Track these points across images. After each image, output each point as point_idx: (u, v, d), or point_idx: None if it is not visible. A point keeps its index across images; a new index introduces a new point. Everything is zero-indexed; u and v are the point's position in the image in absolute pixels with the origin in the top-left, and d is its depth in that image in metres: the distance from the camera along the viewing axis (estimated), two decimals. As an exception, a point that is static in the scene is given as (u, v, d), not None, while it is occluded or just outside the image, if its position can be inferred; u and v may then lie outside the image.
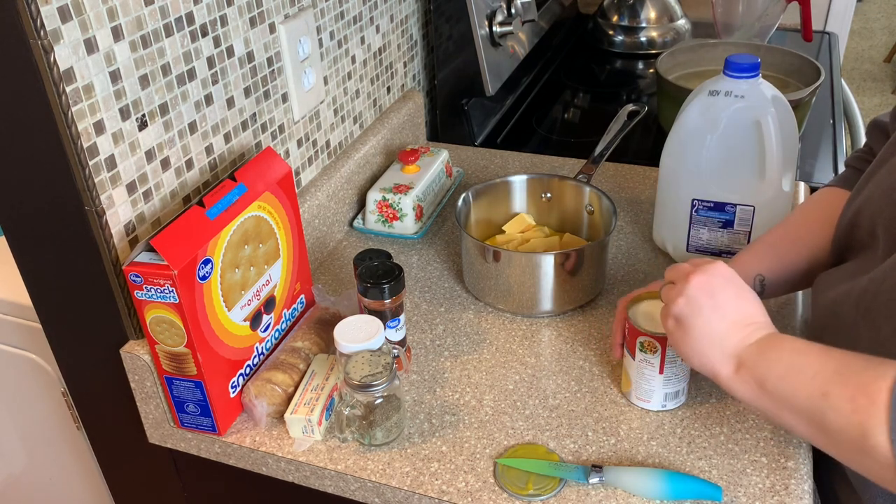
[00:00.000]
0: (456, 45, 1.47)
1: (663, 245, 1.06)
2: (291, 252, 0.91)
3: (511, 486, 0.75)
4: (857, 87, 4.12)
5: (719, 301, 0.68)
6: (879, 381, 0.55)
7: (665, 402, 0.83)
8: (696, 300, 0.69)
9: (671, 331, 0.72)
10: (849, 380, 0.57)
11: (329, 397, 0.83)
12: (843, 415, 0.57)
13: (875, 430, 0.54)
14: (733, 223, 0.98)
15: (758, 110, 0.92)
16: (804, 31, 1.71)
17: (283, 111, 1.02)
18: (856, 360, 0.59)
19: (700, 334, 0.69)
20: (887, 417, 0.53)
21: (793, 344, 0.64)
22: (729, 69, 0.92)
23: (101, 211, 0.75)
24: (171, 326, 0.75)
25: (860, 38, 4.71)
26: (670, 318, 0.71)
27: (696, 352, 0.69)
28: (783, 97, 0.94)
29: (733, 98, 0.92)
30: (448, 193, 1.26)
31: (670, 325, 0.71)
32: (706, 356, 0.68)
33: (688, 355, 0.70)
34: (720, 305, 0.68)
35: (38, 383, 1.18)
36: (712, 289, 0.69)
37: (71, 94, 0.69)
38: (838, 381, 0.58)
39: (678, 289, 0.71)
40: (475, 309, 1.01)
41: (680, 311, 0.70)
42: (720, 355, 0.67)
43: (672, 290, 0.72)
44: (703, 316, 0.68)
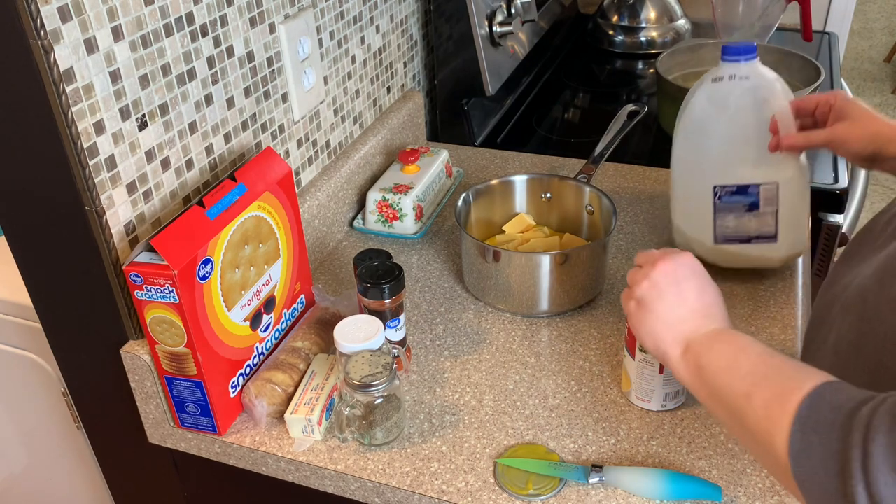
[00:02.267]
0: (456, 45, 1.47)
1: (687, 244, 1.02)
2: (291, 252, 0.91)
3: (511, 486, 0.75)
4: (857, 87, 4.12)
5: (682, 289, 0.70)
6: (795, 392, 0.55)
7: (665, 402, 0.83)
8: (660, 286, 0.71)
9: (631, 312, 0.73)
10: (772, 385, 0.58)
11: (329, 397, 0.83)
12: (757, 418, 0.58)
13: (778, 437, 0.55)
14: (758, 204, 0.95)
15: (764, 88, 0.92)
16: (804, 31, 1.71)
17: (283, 111, 1.02)
18: (789, 368, 0.59)
19: (658, 318, 0.70)
20: (789, 427, 0.54)
21: (742, 341, 0.65)
22: (728, 54, 0.92)
23: (101, 211, 0.75)
24: (171, 326, 0.75)
25: (860, 38, 4.71)
26: (632, 301, 0.73)
27: (652, 333, 0.71)
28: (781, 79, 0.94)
29: (738, 80, 0.92)
30: (448, 193, 1.26)
31: (631, 306, 0.73)
32: (660, 338, 0.70)
33: (643, 337, 0.72)
34: (683, 293, 0.70)
35: (38, 383, 1.18)
36: (678, 277, 0.71)
37: (71, 94, 0.69)
38: (763, 384, 0.59)
39: (644, 272, 0.72)
40: (475, 309, 1.01)
41: (643, 293, 0.71)
42: (672, 338, 0.69)
43: (638, 273, 0.73)
44: (664, 301, 0.70)
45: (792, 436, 0.53)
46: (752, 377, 0.60)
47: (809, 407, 0.54)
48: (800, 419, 0.53)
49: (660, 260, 0.72)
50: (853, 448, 0.49)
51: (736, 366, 0.63)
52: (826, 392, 0.54)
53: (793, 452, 0.53)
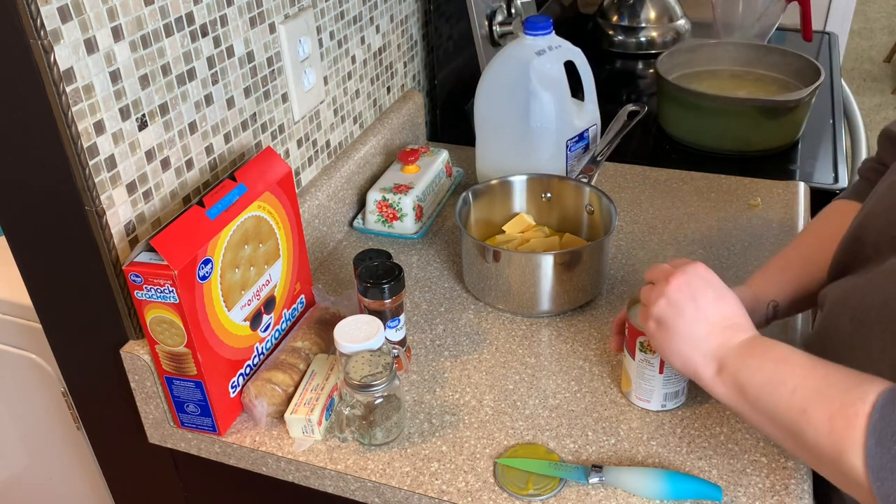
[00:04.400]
0: (456, 45, 1.47)
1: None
2: (291, 252, 0.91)
3: (511, 486, 0.75)
4: (857, 87, 4.12)
5: (700, 303, 0.69)
6: (858, 404, 0.54)
7: (665, 402, 0.83)
8: (677, 302, 0.69)
9: (652, 332, 0.72)
10: (829, 399, 0.57)
11: (329, 397, 0.83)
12: (821, 434, 0.57)
13: (850, 453, 0.54)
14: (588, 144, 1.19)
15: (570, 51, 1.13)
16: (804, 31, 1.71)
17: (283, 111, 1.02)
18: (839, 378, 0.58)
19: (682, 336, 0.69)
20: (863, 442, 0.53)
21: (776, 352, 0.64)
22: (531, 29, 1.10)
23: (101, 211, 0.75)
24: (171, 326, 0.75)
25: (860, 38, 4.71)
26: (651, 320, 0.72)
27: (678, 353, 0.70)
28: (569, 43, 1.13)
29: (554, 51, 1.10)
30: (448, 193, 1.26)
31: (651, 326, 0.72)
32: (688, 357, 0.69)
33: (670, 357, 0.71)
34: (701, 307, 0.69)
35: (38, 383, 1.18)
36: (693, 291, 0.69)
37: (71, 94, 0.69)
38: (818, 399, 0.58)
39: (658, 290, 0.71)
40: (475, 309, 1.01)
41: (661, 312, 0.70)
42: (702, 357, 0.68)
43: (652, 292, 0.72)
44: (684, 318, 0.69)
45: (868, 450, 0.52)
46: (802, 391, 0.59)
47: (882, 419, 0.53)
48: (874, 432, 0.52)
49: (671, 275, 0.70)
50: None
51: (780, 381, 0.61)
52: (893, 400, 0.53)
53: (873, 468, 0.52)
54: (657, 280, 0.72)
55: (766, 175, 1.26)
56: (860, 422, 0.54)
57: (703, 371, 0.68)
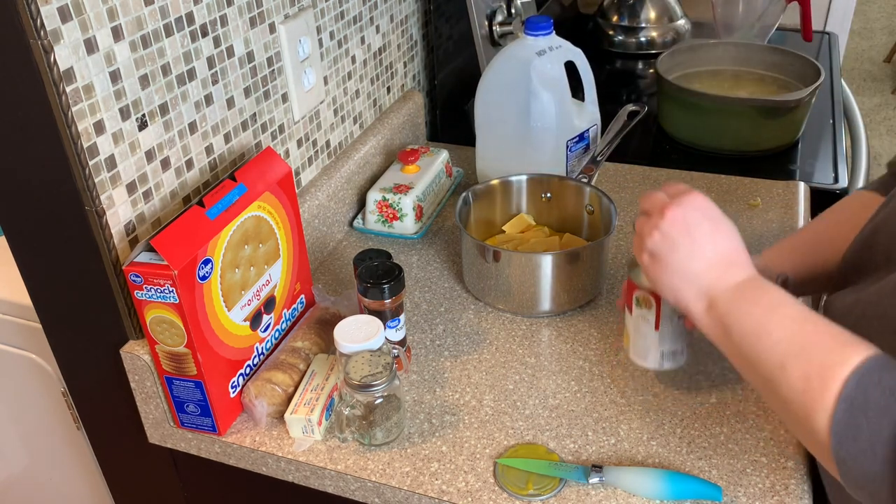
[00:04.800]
0: (456, 45, 1.47)
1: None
2: (291, 252, 0.91)
3: (511, 486, 0.75)
4: (857, 87, 4.12)
5: (696, 238, 0.66)
6: (837, 368, 0.54)
7: (662, 360, 0.80)
8: (672, 236, 0.67)
9: (646, 265, 0.70)
10: (809, 358, 0.56)
11: (329, 397, 0.83)
12: (795, 391, 0.56)
13: (819, 415, 0.54)
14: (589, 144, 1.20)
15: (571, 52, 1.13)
16: (804, 31, 1.71)
17: (283, 111, 1.02)
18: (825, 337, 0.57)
19: (675, 271, 0.67)
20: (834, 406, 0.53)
21: (768, 298, 0.62)
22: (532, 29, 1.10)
23: (101, 211, 0.75)
24: (171, 326, 0.75)
25: (860, 38, 4.71)
26: (645, 253, 0.70)
27: (671, 287, 0.68)
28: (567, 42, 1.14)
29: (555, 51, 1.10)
30: (448, 193, 1.26)
31: (645, 259, 0.70)
32: (681, 292, 0.67)
33: (662, 290, 0.70)
34: (697, 242, 0.66)
35: (38, 383, 1.18)
36: (688, 225, 0.67)
37: (71, 94, 0.69)
38: (799, 356, 0.57)
39: (653, 222, 0.69)
40: (475, 309, 1.01)
41: (655, 246, 0.68)
42: (694, 293, 0.66)
43: (647, 224, 0.69)
44: (678, 253, 0.67)
45: (836, 414, 0.52)
46: (786, 345, 0.58)
47: (857, 386, 0.52)
48: (847, 398, 0.52)
49: (667, 207, 0.68)
50: None
51: (766, 331, 0.60)
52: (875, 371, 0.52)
53: (836, 431, 0.52)
54: (652, 211, 0.70)
55: (766, 175, 1.26)
56: (835, 386, 0.53)
57: (694, 307, 0.67)
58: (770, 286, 0.64)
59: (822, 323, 0.59)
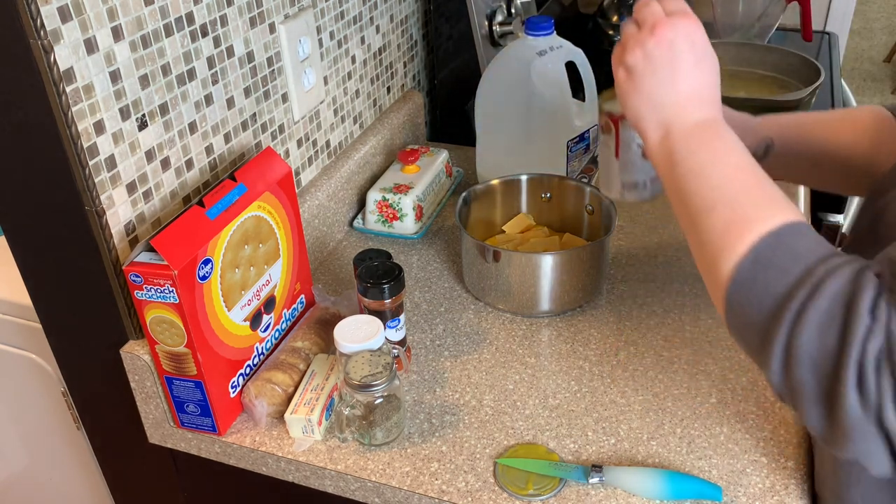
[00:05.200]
0: (456, 45, 1.47)
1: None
2: (291, 252, 0.91)
3: (511, 486, 0.75)
4: (857, 87, 4.12)
5: (676, 68, 0.65)
6: (759, 223, 0.55)
7: (624, 191, 0.79)
8: (654, 60, 0.65)
9: (621, 80, 0.68)
10: (737, 208, 0.58)
11: (329, 397, 0.83)
12: (714, 235, 0.58)
13: (727, 259, 0.56)
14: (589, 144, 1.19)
15: (571, 52, 1.12)
16: (804, 31, 1.71)
17: (283, 111, 1.02)
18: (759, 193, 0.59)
19: (645, 95, 0.66)
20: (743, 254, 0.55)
21: (718, 144, 0.63)
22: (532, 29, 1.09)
23: (101, 211, 0.75)
24: (171, 326, 0.75)
25: (860, 38, 4.71)
26: (622, 67, 0.68)
27: (635, 108, 0.67)
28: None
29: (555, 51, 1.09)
30: (448, 193, 1.26)
31: (621, 74, 0.68)
32: (643, 116, 0.67)
33: (628, 109, 0.69)
34: (676, 73, 0.65)
35: (38, 383, 1.18)
36: (674, 53, 0.65)
37: (71, 94, 0.69)
38: (729, 204, 0.58)
39: (640, 37, 0.66)
40: (475, 309, 1.01)
41: (634, 63, 0.66)
42: (656, 121, 0.66)
43: (634, 36, 0.67)
44: (654, 78, 0.66)
45: (741, 263, 0.54)
46: (719, 192, 0.59)
47: (768, 245, 0.54)
48: (755, 251, 0.54)
49: (660, 26, 0.65)
50: (795, 300, 0.50)
51: (706, 174, 0.61)
52: (788, 234, 0.55)
53: (736, 278, 0.55)
54: (643, 24, 0.67)
55: (766, 175, 1.25)
56: (749, 239, 0.55)
57: (651, 134, 0.66)
58: (726, 132, 0.64)
59: (759, 178, 0.60)
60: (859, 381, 0.47)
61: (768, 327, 0.52)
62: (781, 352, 0.51)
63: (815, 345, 0.49)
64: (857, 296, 0.49)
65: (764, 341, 0.52)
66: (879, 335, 0.47)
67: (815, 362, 0.49)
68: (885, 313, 0.47)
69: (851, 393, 0.48)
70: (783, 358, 0.51)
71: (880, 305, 0.48)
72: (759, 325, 0.53)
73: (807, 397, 0.51)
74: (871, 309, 0.48)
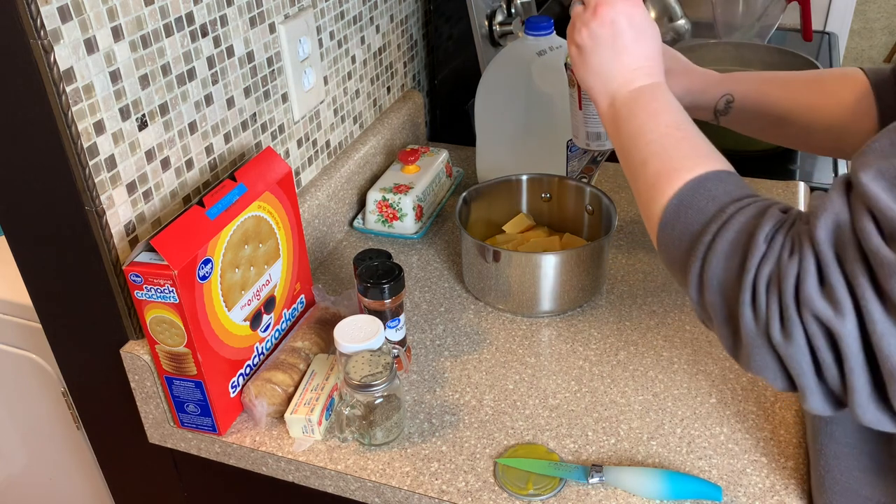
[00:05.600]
0: (456, 45, 1.47)
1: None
2: (291, 252, 0.91)
3: (511, 486, 0.75)
4: (857, 87, 4.11)
5: (618, 43, 0.73)
6: (685, 172, 0.61)
7: (588, 141, 0.87)
8: (598, 38, 0.74)
9: (573, 56, 0.77)
10: (667, 159, 0.64)
11: (329, 397, 0.83)
12: (647, 184, 0.64)
13: (657, 206, 0.62)
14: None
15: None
16: (804, 31, 1.71)
17: (283, 111, 1.02)
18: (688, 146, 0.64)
19: (593, 69, 0.75)
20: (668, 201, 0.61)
21: (655, 105, 0.69)
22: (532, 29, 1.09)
23: (101, 211, 0.75)
24: (171, 326, 0.75)
25: (860, 38, 4.71)
26: (573, 45, 0.77)
27: (586, 82, 0.76)
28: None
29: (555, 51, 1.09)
30: (448, 193, 1.26)
31: (573, 51, 0.77)
32: (593, 88, 0.75)
33: (582, 82, 0.77)
34: (618, 49, 0.73)
35: (38, 383, 1.18)
36: (615, 30, 0.73)
37: (71, 94, 0.69)
38: (663, 156, 0.64)
39: (585, 17, 0.75)
40: (475, 309, 1.01)
41: (582, 42, 0.75)
42: (603, 90, 0.74)
43: (581, 16, 0.76)
44: (599, 55, 0.74)
45: (669, 205, 0.61)
46: (653, 147, 0.66)
47: (691, 189, 0.60)
48: (679, 196, 0.60)
49: (600, 5, 0.73)
50: (707, 234, 0.56)
51: (643, 132, 0.68)
52: (710, 180, 0.60)
53: (663, 220, 0.61)
54: (588, 5, 0.75)
55: (766, 175, 1.26)
56: (676, 185, 0.61)
57: (600, 102, 0.75)
58: (663, 95, 0.71)
59: (690, 134, 0.66)
60: (753, 301, 0.52)
61: (687, 259, 0.58)
62: (696, 279, 0.57)
63: (722, 270, 0.54)
64: (757, 227, 0.53)
65: (684, 272, 0.58)
66: (772, 260, 0.52)
67: (722, 286, 0.55)
68: (780, 243, 0.52)
69: (747, 311, 0.52)
70: (698, 284, 0.57)
71: (777, 237, 0.52)
72: (681, 259, 0.59)
73: (718, 318, 0.56)
74: (767, 238, 0.53)
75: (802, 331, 0.50)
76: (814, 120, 0.83)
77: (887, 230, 0.46)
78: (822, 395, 0.52)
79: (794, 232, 0.52)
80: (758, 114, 0.86)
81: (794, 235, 0.52)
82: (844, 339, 0.48)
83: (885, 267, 0.46)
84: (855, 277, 0.47)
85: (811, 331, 0.49)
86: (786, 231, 0.53)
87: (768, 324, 0.51)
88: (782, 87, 0.86)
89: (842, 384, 0.51)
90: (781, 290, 0.50)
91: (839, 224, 0.49)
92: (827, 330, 0.49)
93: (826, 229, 0.49)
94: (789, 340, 0.50)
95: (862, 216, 0.48)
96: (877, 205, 0.47)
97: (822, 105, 0.83)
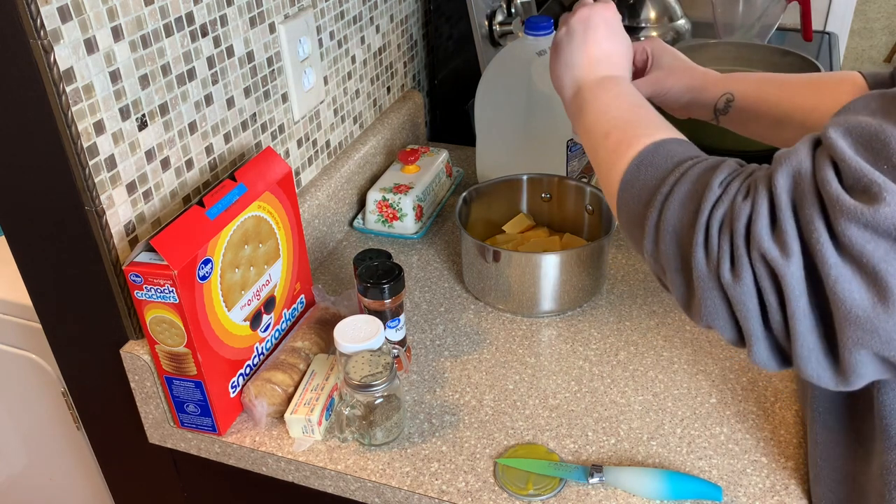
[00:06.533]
0: (456, 45, 1.47)
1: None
2: (291, 252, 0.91)
3: (511, 486, 0.75)
4: (857, 87, 4.11)
5: (589, 37, 0.77)
6: (643, 139, 0.62)
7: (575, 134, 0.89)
8: (573, 32, 0.78)
9: (550, 52, 0.82)
10: (627, 129, 0.65)
11: (329, 397, 0.83)
12: (608, 152, 0.65)
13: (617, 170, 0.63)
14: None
15: None
16: (804, 31, 1.71)
17: (283, 111, 1.02)
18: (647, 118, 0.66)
19: (563, 60, 0.78)
20: (628, 164, 0.61)
21: (617, 90, 0.72)
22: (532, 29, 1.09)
23: (101, 211, 0.75)
24: (171, 326, 0.75)
25: (860, 38, 4.71)
26: (554, 42, 0.81)
27: (556, 73, 0.80)
28: None
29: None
30: (448, 193, 1.26)
31: (551, 49, 0.82)
32: (560, 78, 0.79)
33: (552, 75, 0.81)
34: (588, 42, 0.77)
35: (38, 383, 1.18)
36: (588, 25, 0.77)
37: (71, 94, 0.69)
38: (623, 127, 0.66)
39: (566, 17, 0.80)
40: (475, 309, 1.01)
41: (560, 37, 0.80)
42: (570, 80, 0.77)
43: (563, 19, 0.81)
44: (571, 46, 0.78)
45: (629, 167, 0.61)
46: (616, 121, 0.68)
47: (650, 151, 0.61)
48: (639, 157, 0.61)
49: (580, 7, 0.79)
50: (664, 185, 0.57)
51: (606, 111, 0.70)
52: (669, 143, 0.61)
53: (623, 181, 0.62)
54: (576, 8, 0.80)
55: (766, 175, 1.26)
56: (637, 147, 0.62)
57: (566, 92, 0.78)
58: (626, 84, 0.74)
59: (650, 110, 0.68)
60: (705, 241, 0.53)
61: (644, 212, 0.58)
62: (652, 230, 0.57)
63: (677, 219, 0.55)
64: (713, 175, 0.54)
65: (640, 226, 0.59)
66: (725, 203, 0.52)
67: (677, 233, 0.55)
68: (734, 189, 0.53)
69: (699, 252, 0.53)
70: (654, 235, 0.57)
71: (733, 183, 0.53)
72: (638, 214, 0.59)
73: (671, 267, 0.56)
74: (723, 184, 0.54)
75: (751, 271, 0.50)
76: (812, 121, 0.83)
77: (848, 180, 0.47)
78: (768, 344, 0.52)
79: (751, 179, 0.53)
80: (757, 114, 0.87)
81: (752, 181, 0.52)
82: (787, 280, 0.48)
83: (844, 212, 0.46)
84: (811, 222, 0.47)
85: (759, 272, 0.50)
86: (742, 178, 0.53)
87: (719, 264, 0.52)
88: (781, 88, 0.86)
89: (785, 331, 0.51)
90: (733, 230, 0.51)
91: (800, 171, 0.50)
92: (773, 272, 0.49)
93: (786, 176, 0.50)
94: (738, 281, 0.50)
95: (824, 165, 0.48)
96: (841, 155, 0.47)
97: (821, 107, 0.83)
